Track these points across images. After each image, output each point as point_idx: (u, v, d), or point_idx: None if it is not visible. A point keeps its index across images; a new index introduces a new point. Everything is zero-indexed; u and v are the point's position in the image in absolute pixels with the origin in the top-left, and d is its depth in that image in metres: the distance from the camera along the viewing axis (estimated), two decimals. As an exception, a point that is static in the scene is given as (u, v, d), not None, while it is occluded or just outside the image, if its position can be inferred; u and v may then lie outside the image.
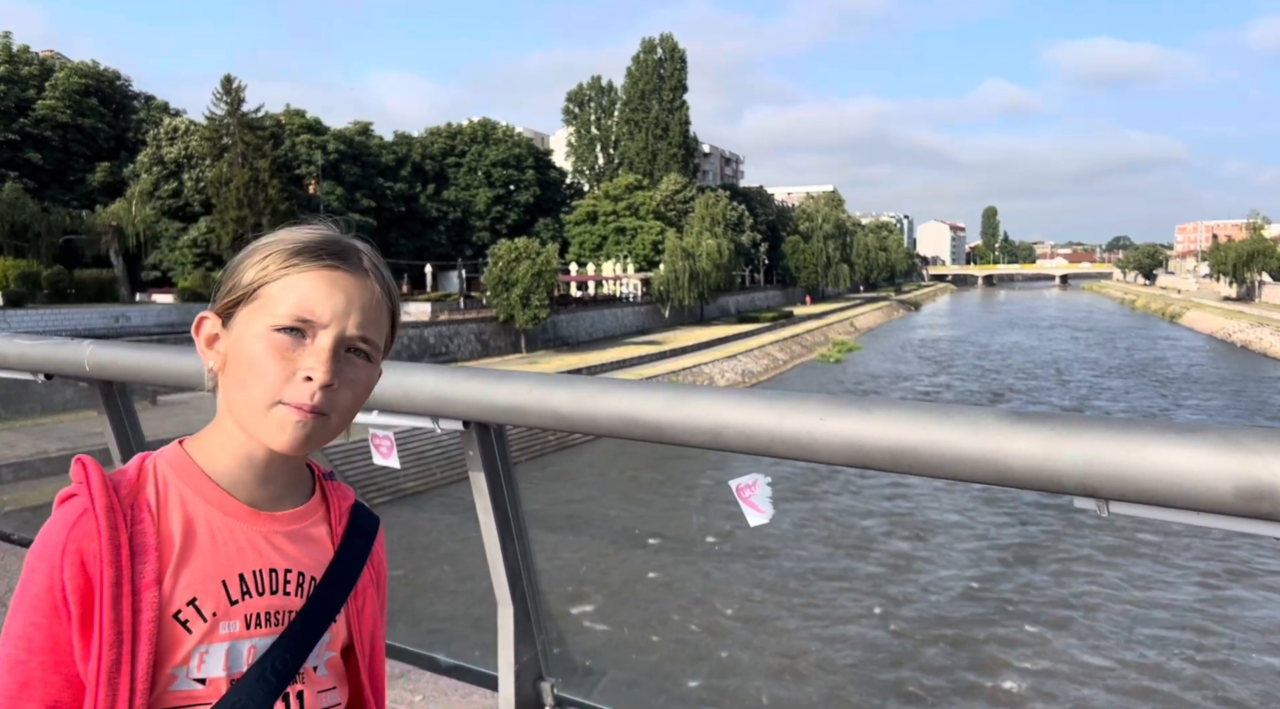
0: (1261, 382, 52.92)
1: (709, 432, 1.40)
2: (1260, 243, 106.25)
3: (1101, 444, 1.08)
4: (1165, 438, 1.05)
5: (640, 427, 1.49)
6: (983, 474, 1.15)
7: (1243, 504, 0.98)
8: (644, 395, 1.51)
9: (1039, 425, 1.13)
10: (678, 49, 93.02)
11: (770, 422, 1.32)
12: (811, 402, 1.32)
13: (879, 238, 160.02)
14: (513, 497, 1.98)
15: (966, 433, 1.16)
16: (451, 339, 47.49)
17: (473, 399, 1.77)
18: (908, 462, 1.20)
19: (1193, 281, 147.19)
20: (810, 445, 1.29)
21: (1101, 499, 1.09)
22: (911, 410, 1.25)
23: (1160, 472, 1.03)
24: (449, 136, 73.24)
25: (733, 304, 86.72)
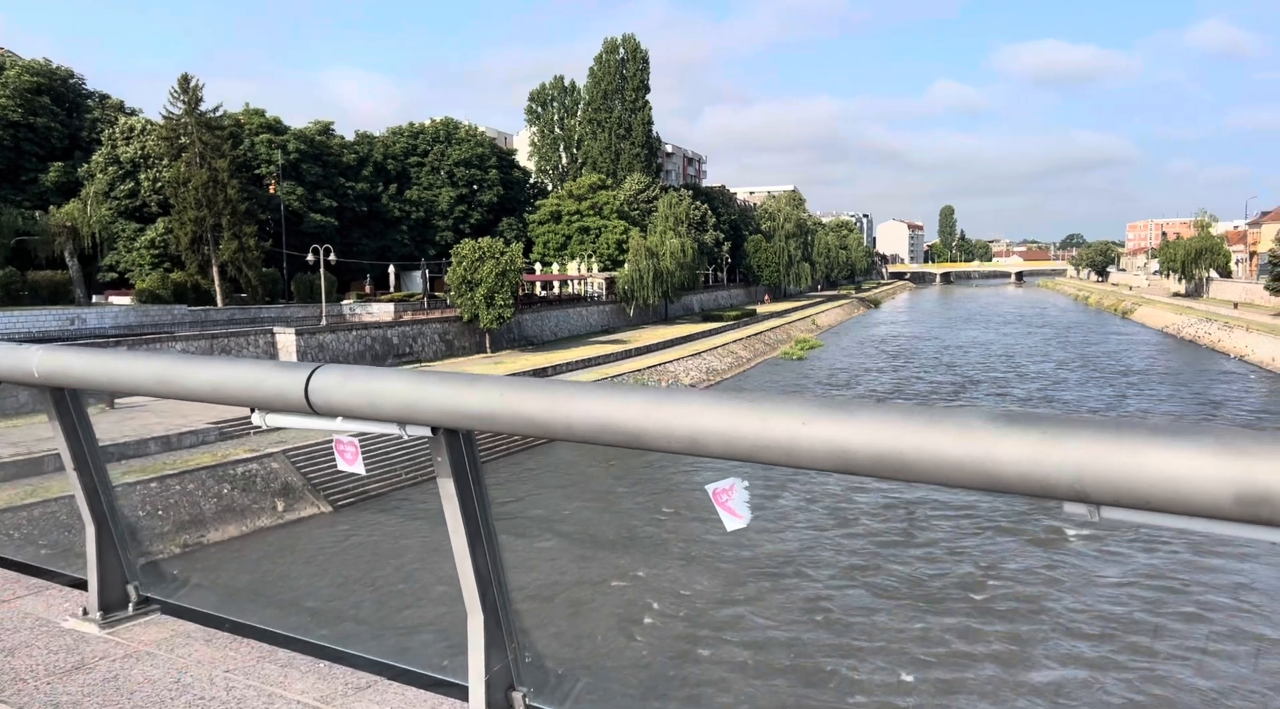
0: (1207, 374, 54.53)
1: (687, 437, 1.38)
2: (1208, 240, 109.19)
3: (1094, 447, 1.05)
4: (1160, 441, 1.02)
5: (617, 432, 1.47)
6: (970, 480, 1.14)
7: (1242, 509, 0.95)
8: (621, 400, 1.48)
9: (1028, 428, 1.11)
10: (640, 49, 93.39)
11: (751, 426, 1.30)
12: (794, 405, 1.29)
13: (839, 237, 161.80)
14: (482, 503, 1.95)
15: (953, 437, 1.14)
16: (415, 339, 47.36)
17: (441, 405, 1.73)
18: (892, 467, 1.19)
19: (1144, 278, 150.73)
20: (792, 450, 1.27)
21: (1093, 504, 1.07)
22: (896, 414, 1.23)
23: (1156, 476, 1.00)
24: (411, 136, 72.86)
25: (696, 303, 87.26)
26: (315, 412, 1.95)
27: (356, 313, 51.28)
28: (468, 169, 72.47)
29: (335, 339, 42.71)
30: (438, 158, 72.21)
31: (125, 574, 2.89)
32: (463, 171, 72.20)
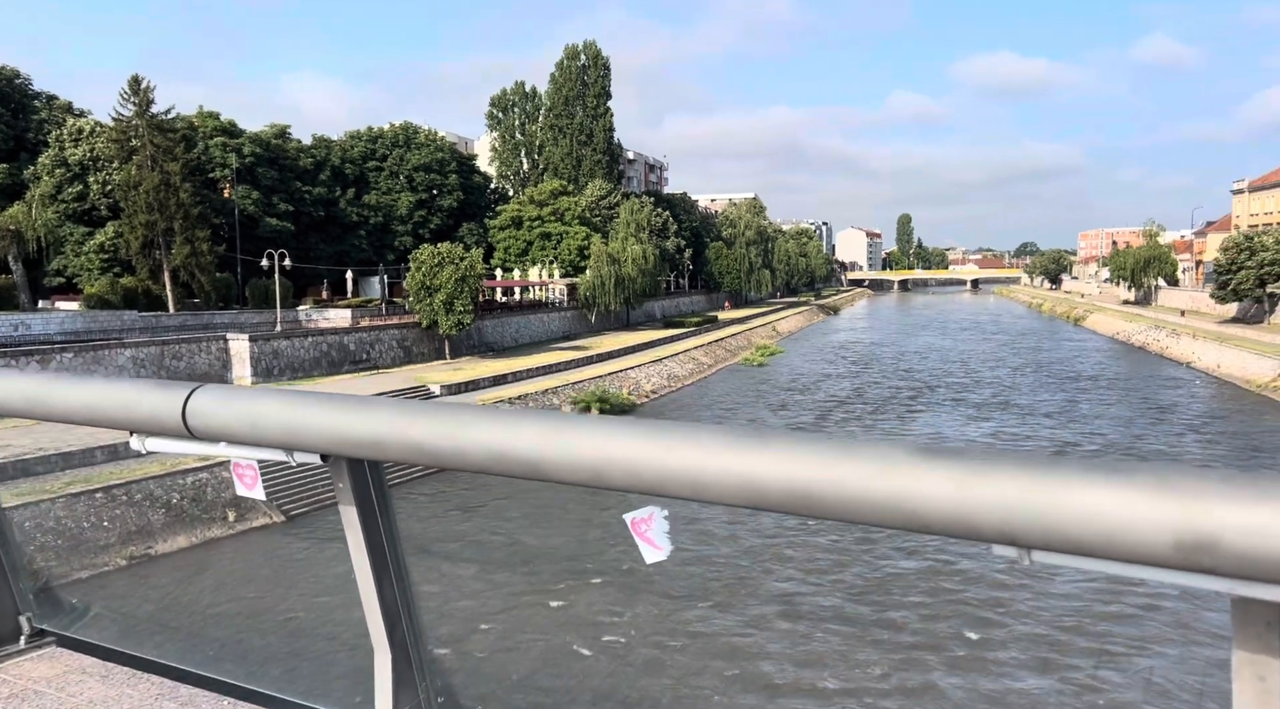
0: (1156, 380, 55.78)
1: (590, 468, 1.27)
2: (1156, 249, 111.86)
3: (1022, 486, 0.97)
4: (1093, 480, 0.95)
5: (513, 462, 1.36)
6: (890, 518, 1.06)
7: (1181, 556, 0.88)
8: (517, 426, 1.37)
9: (952, 464, 1.03)
10: (601, 56, 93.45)
11: (657, 457, 1.21)
12: (704, 435, 1.20)
13: (799, 244, 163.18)
14: (390, 532, 1.81)
15: (872, 471, 1.07)
16: (373, 346, 46.81)
17: (329, 430, 1.60)
18: (806, 503, 1.11)
19: (1095, 286, 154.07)
20: (700, 483, 1.18)
21: (1023, 547, 1.00)
22: (812, 445, 1.15)
23: (1088, 518, 0.93)
24: (369, 140, 72.15)
25: (658, 309, 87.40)
26: (194, 436, 1.80)
27: (313, 319, 50.56)
28: (427, 174, 71.92)
29: (290, 345, 42.06)
30: (397, 162, 71.57)
31: (16, 605, 2.66)
32: (422, 176, 71.63)
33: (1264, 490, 0.86)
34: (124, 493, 22.44)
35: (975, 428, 39.81)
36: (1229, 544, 0.85)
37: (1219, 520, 0.86)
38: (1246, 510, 0.85)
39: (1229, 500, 0.87)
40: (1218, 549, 0.86)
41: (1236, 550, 0.85)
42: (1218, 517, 0.86)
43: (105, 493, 22.15)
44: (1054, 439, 36.77)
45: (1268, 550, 0.84)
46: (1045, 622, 17.72)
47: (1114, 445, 35.43)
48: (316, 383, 40.25)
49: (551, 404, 41.03)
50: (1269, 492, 0.86)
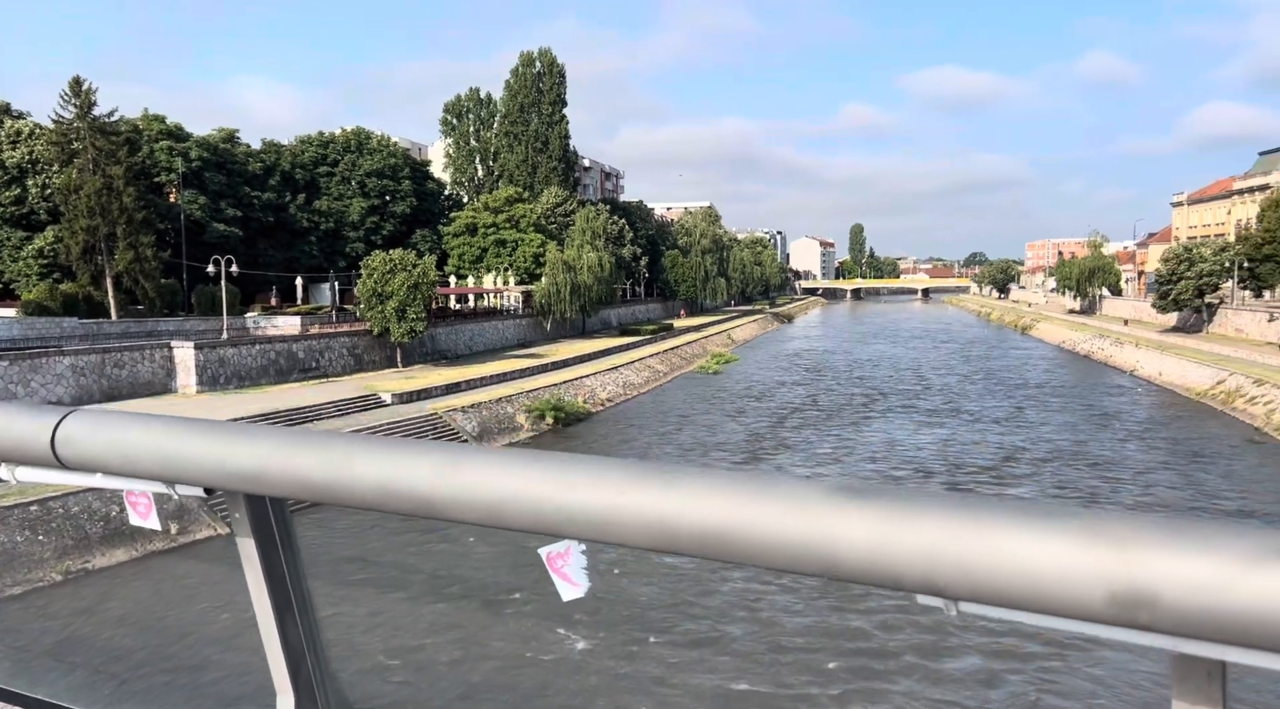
0: (1100, 388, 57.08)
1: (487, 507, 1.17)
2: (1100, 260, 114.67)
3: (946, 532, 0.89)
4: (1021, 526, 0.87)
5: (403, 499, 1.24)
6: (807, 565, 0.97)
7: (1115, 611, 0.81)
8: (408, 460, 1.25)
9: (872, 505, 0.94)
10: (556, 63, 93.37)
11: (559, 495, 1.11)
12: (611, 471, 1.11)
13: (754, 253, 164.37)
14: (293, 565, 1.66)
15: (787, 513, 0.97)
16: (322, 353, 46.07)
17: (210, 461, 1.46)
18: (719, 547, 1.01)
19: (1042, 295, 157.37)
20: (606, 524, 1.09)
21: (949, 599, 0.91)
22: (724, 484, 1.04)
23: (1016, 569, 0.85)
24: (320, 145, 71.16)
25: (614, 317, 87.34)
26: (64, 465, 1.64)
27: (261, 326, 49.64)
28: (380, 180, 71.13)
29: (237, 353, 41.22)
30: (348, 168, 70.68)
31: None
32: (375, 182, 70.82)
33: (1205, 540, 0.79)
34: (60, 506, 21.74)
35: (927, 434, 40.34)
36: (1167, 599, 0.78)
37: (1156, 573, 0.79)
38: (1186, 562, 0.79)
39: (1167, 551, 0.80)
40: (1155, 605, 0.79)
41: (1175, 606, 0.78)
42: (1155, 569, 0.79)
43: (40, 506, 21.44)
44: (1002, 444, 37.39)
45: (1209, 606, 0.77)
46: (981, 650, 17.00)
47: (1060, 451, 36.12)
48: (265, 391, 39.49)
49: (506, 413, 40.73)
50: (1210, 541, 0.78)
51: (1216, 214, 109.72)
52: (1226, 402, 46.55)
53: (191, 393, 38.03)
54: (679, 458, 35.71)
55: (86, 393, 34.92)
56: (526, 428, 40.58)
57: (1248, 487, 30.33)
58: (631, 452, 37.42)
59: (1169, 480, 31.26)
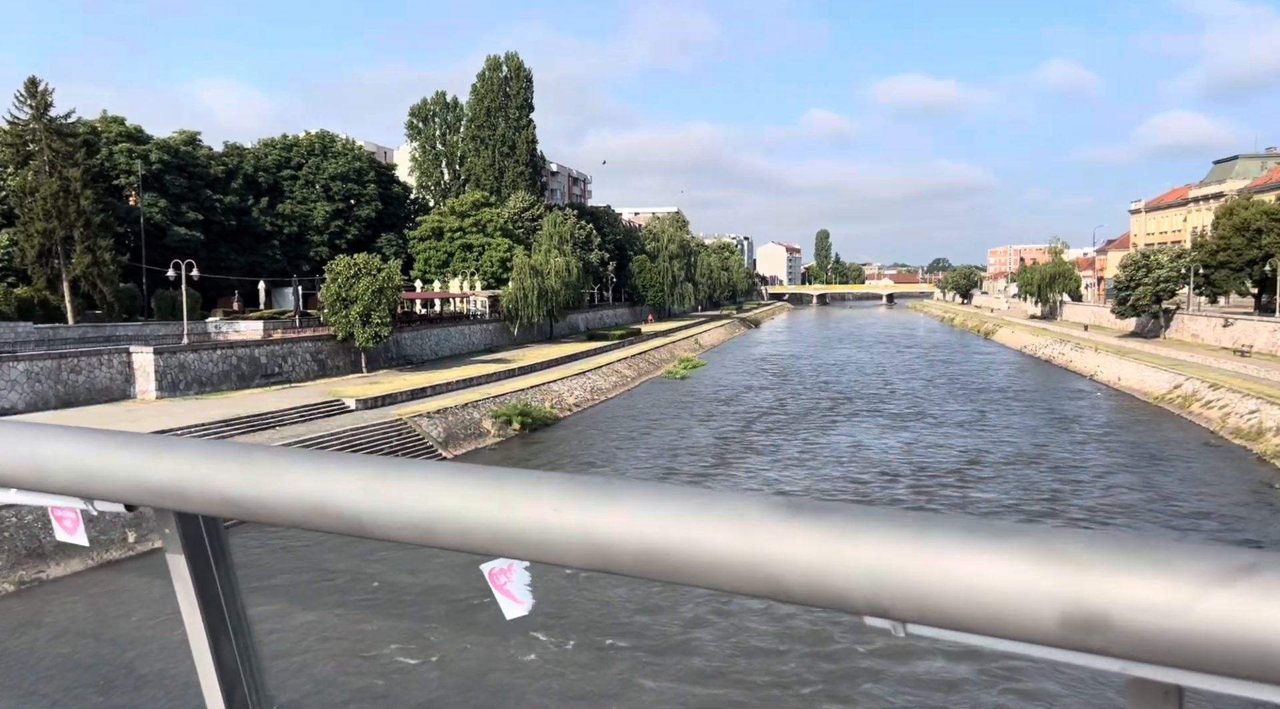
0: (1061, 393, 57.99)
1: (418, 525, 1.11)
2: (1061, 266, 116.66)
3: (893, 551, 0.85)
4: (971, 544, 0.83)
5: (330, 516, 1.18)
6: (751, 585, 0.92)
7: (1068, 634, 0.77)
8: (336, 474, 1.19)
9: (817, 523, 0.90)
10: (523, 68, 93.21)
11: (492, 513, 1.06)
12: (547, 485, 1.05)
13: (721, 258, 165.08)
14: (227, 584, 1.56)
15: (728, 531, 0.92)
16: (285, 359, 45.48)
17: (127, 476, 1.38)
18: (658, 566, 0.97)
19: (1003, 301, 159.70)
20: (541, 543, 1.03)
21: (896, 620, 0.87)
22: (663, 498, 0.99)
23: (965, 590, 0.81)
24: (284, 148, 70.37)
25: (582, 321, 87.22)
26: None
27: (222, 331, 48.93)
28: (345, 183, 70.48)
29: (198, 359, 40.57)
30: (313, 171, 69.95)
31: None
32: (339, 185, 70.17)
33: (1161, 560, 0.76)
34: (13, 515, 21.23)
35: (892, 437, 40.71)
36: (1122, 622, 0.75)
37: (1111, 595, 0.76)
38: (1141, 583, 0.75)
39: (1121, 572, 0.76)
40: (1110, 628, 0.76)
41: (1131, 630, 0.75)
42: (1109, 590, 0.76)
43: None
44: (966, 448, 37.83)
45: (1166, 629, 0.74)
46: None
47: (1022, 454, 36.62)
48: (226, 397, 38.91)
49: (472, 418, 40.47)
50: (1166, 562, 0.75)
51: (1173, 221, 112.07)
52: (1184, 406, 47.49)
53: (151, 399, 37.36)
54: (649, 461, 35.70)
55: (42, 398, 34.16)
56: (493, 434, 40.36)
57: (1204, 489, 30.95)
58: (599, 457, 37.33)
59: (1128, 482, 31.81)
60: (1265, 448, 35.89)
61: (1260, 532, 25.64)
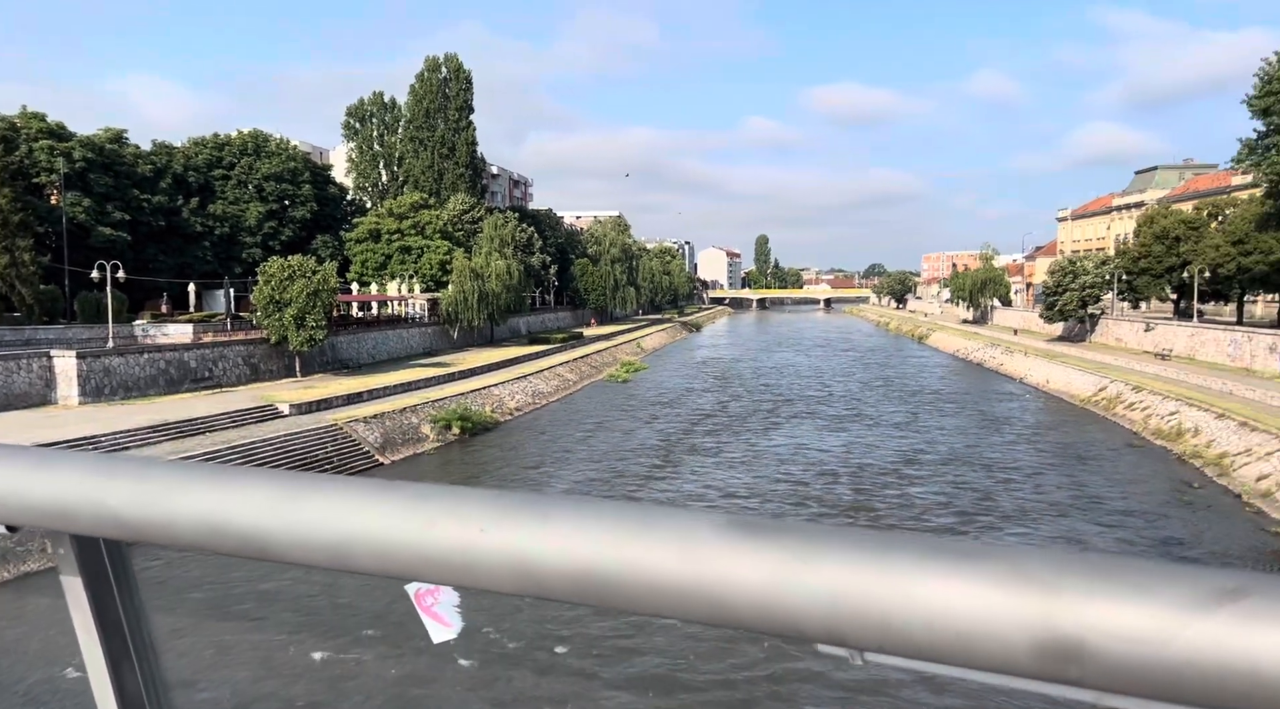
0: (992, 395, 59.47)
1: (330, 547, 1.00)
2: (991, 272, 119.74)
3: (850, 573, 0.77)
4: (936, 566, 0.75)
5: (231, 538, 1.06)
6: (696, 611, 0.84)
7: (1042, 665, 0.70)
8: (238, 491, 1.07)
9: (768, 543, 0.82)
10: (463, 69, 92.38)
11: (413, 533, 0.95)
12: (474, 503, 0.94)
13: (663, 262, 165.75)
14: (131, 608, 1.40)
15: (672, 552, 0.84)
16: (216, 363, 44.28)
17: (6, 493, 1.23)
18: (596, 591, 0.88)
19: (937, 306, 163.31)
20: (468, 567, 0.93)
21: (853, 648, 0.79)
22: (601, 516, 0.90)
23: (929, 616, 0.74)
24: (215, 147, 68.55)
25: (523, 325, 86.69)
26: None
27: (150, 334, 47.40)
28: (279, 183, 68.93)
29: (124, 363, 39.25)
30: (245, 171, 68.28)
31: None
32: (273, 186, 68.59)
33: (1141, 584, 0.69)
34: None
35: (832, 438, 41.28)
36: (1098, 651, 0.69)
37: (1088, 622, 0.69)
38: (1121, 610, 0.68)
39: (1099, 597, 0.69)
40: (1084, 657, 0.69)
41: (1107, 659, 0.69)
42: (1086, 617, 0.69)
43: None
44: (902, 448, 38.53)
45: (1147, 659, 0.68)
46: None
47: (956, 454, 37.43)
48: (154, 402, 37.70)
49: (410, 423, 39.88)
50: (1146, 586, 0.69)
51: (1097, 229, 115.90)
52: (1108, 408, 49.09)
53: (73, 404, 36.01)
54: (593, 464, 35.59)
55: (-45, 405, 32.67)
56: (432, 438, 39.83)
57: (1128, 488, 32.01)
58: (541, 460, 37.10)
59: (1057, 481, 32.74)
60: (1184, 448, 37.29)
61: (1182, 530, 26.61)
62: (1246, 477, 31.20)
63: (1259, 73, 43.62)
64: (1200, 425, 38.10)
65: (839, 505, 29.18)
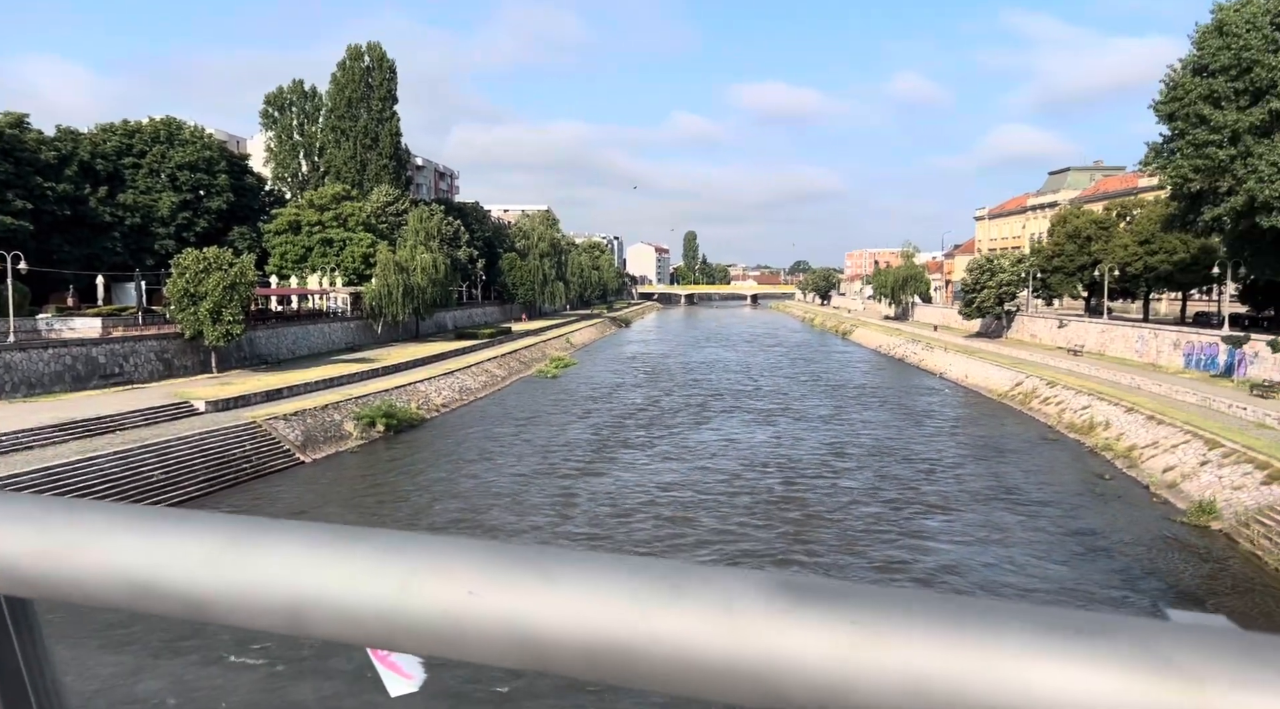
0: (913, 389, 60.87)
1: (283, 609, 0.74)
2: (912, 269, 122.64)
3: (932, 650, 0.58)
4: (1046, 642, 0.56)
5: (162, 596, 0.84)
6: (740, 691, 0.68)
7: None
8: (170, 538, 0.85)
9: (830, 610, 0.65)
10: (386, 58, 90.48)
11: (386, 594, 0.72)
12: (461, 557, 0.75)
13: (592, 257, 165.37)
14: (34, 658, 1.05)
15: (709, 620, 0.64)
16: (127, 358, 42.45)
17: None
18: (613, 664, 0.73)
19: (860, 302, 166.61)
20: (453, 636, 0.71)
21: None
22: (618, 575, 0.70)
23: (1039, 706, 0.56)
24: (125, 134, 65.69)
25: (450, 320, 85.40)
26: None
27: (55, 328, 45.11)
28: (193, 173, 66.42)
29: (26, 358, 37.31)
30: (157, 159, 65.61)
31: None
32: (187, 175, 66.06)
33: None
34: None
35: (761, 431, 41.67)
36: None
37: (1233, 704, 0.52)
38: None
39: (1253, 686, 0.51)
40: None
41: None
42: (1231, 700, 0.52)
43: None
44: (828, 441, 39.08)
45: None
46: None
47: (880, 447, 38.12)
48: (59, 399, 35.93)
49: (333, 420, 38.85)
50: None
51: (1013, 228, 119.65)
52: (1024, 402, 50.67)
53: (-31, 402, 34.05)
54: (521, 461, 35.16)
55: None
56: (355, 436, 38.88)
57: (1044, 480, 33.06)
58: (471, 456, 36.47)
59: (976, 473, 33.62)
60: (1096, 441, 38.70)
61: (1096, 520, 27.57)
62: (1154, 468, 32.52)
63: (1165, 79, 45.40)
64: (1111, 419, 39.60)
65: (772, 496, 29.49)
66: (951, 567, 22.75)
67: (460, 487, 31.11)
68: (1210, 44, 43.03)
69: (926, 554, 23.67)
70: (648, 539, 24.69)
